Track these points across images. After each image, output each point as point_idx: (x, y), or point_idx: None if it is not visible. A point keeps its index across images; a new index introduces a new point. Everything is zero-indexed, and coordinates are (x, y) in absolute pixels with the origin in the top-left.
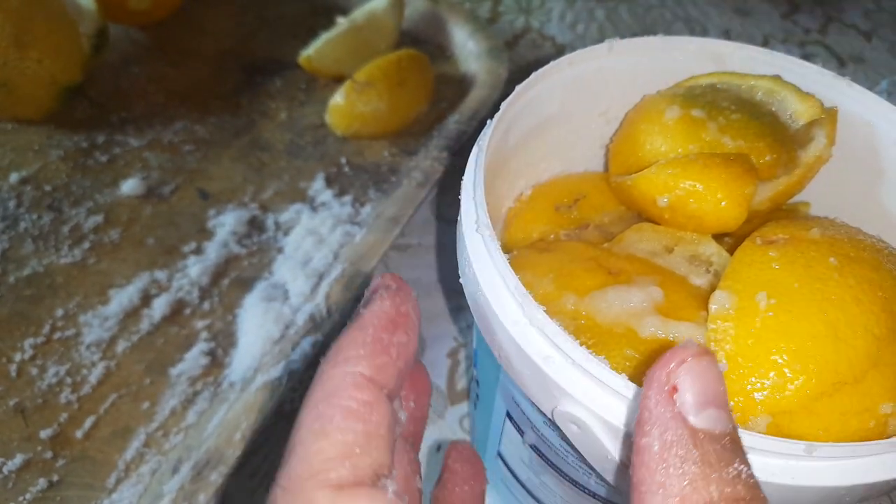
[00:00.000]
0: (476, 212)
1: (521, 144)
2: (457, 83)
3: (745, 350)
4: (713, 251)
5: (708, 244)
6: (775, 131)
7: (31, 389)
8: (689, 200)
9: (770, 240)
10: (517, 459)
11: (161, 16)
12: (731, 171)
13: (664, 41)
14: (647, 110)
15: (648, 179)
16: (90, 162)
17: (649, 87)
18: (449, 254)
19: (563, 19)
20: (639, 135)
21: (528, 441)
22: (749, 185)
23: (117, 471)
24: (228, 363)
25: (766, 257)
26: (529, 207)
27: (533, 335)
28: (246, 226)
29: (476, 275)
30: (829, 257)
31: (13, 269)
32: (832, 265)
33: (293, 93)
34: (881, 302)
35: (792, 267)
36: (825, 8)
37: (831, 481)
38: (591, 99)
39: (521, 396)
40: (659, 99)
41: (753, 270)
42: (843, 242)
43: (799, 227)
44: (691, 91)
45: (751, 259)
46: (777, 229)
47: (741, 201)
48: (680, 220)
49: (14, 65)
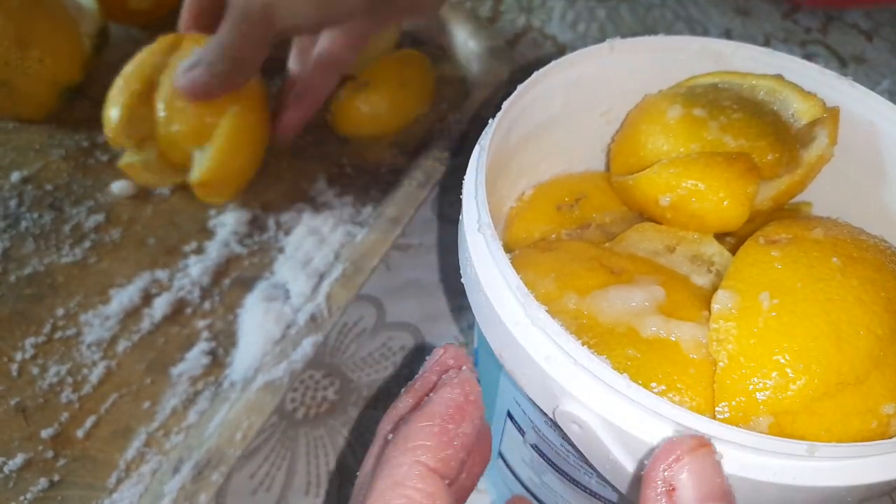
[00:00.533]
0: (478, 211)
1: (523, 144)
2: (458, 83)
3: (747, 350)
4: (715, 251)
5: (710, 244)
6: (777, 130)
7: (31, 389)
8: (690, 200)
9: (773, 239)
10: (518, 459)
11: (161, 15)
12: (733, 169)
13: (665, 41)
14: (648, 110)
15: (650, 179)
16: (91, 161)
17: (651, 86)
18: (450, 254)
19: (564, 18)
20: (640, 134)
21: (529, 441)
22: (751, 184)
23: (118, 470)
24: (229, 363)
25: (768, 257)
26: (531, 207)
27: (534, 335)
28: (247, 225)
29: (477, 274)
30: (832, 257)
31: (14, 268)
32: (835, 265)
33: None
34: (884, 302)
35: (795, 267)
36: (826, 8)
37: (833, 481)
38: (593, 99)
39: (523, 396)
40: (660, 98)
41: (756, 270)
42: (846, 243)
43: (801, 227)
44: (692, 90)
45: (753, 259)
46: (779, 229)
47: (743, 200)
48: (682, 220)
49: (15, 64)
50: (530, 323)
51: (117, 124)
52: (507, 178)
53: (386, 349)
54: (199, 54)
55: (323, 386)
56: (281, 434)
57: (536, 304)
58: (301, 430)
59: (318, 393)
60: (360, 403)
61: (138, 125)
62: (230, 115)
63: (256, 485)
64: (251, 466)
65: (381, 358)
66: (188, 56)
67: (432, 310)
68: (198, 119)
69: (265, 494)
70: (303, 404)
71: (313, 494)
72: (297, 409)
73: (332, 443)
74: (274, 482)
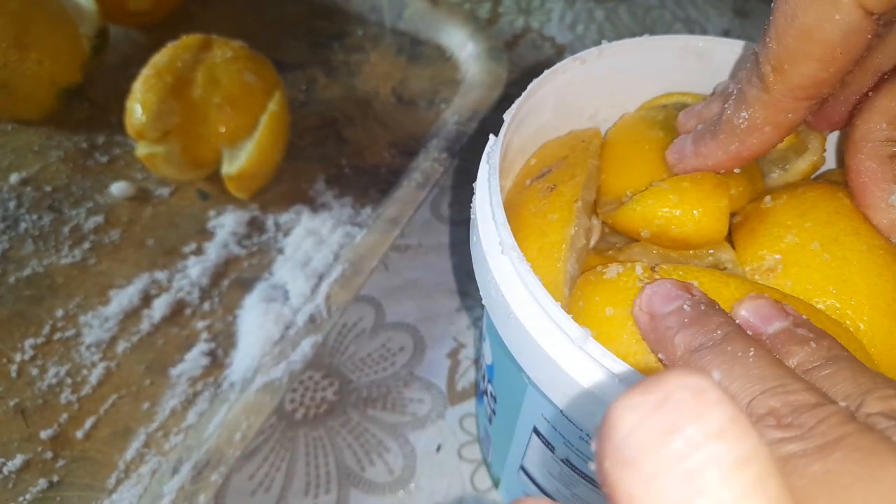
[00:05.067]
0: (499, 234)
1: (519, 155)
2: (456, 84)
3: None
4: (730, 258)
5: (726, 250)
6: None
7: (31, 390)
8: (670, 227)
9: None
10: (545, 472)
11: (161, 16)
12: (702, 189)
13: (650, 41)
14: (626, 134)
15: (626, 215)
16: (90, 162)
17: (634, 87)
18: (449, 254)
19: (563, 20)
20: (618, 162)
21: (559, 456)
22: (723, 199)
23: (117, 471)
24: (229, 364)
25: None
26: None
27: (576, 357)
28: (246, 226)
29: (505, 298)
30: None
31: (13, 269)
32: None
33: (293, 94)
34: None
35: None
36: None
37: None
38: (580, 104)
39: (554, 413)
40: (637, 123)
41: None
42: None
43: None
44: (668, 117)
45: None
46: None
47: (719, 216)
48: (667, 244)
49: (14, 66)
50: (571, 346)
51: (148, 116)
52: (503, 184)
53: (385, 350)
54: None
55: (322, 386)
56: (280, 435)
57: (580, 328)
58: (300, 430)
59: (318, 393)
60: (360, 404)
61: (166, 118)
62: (269, 110)
63: (256, 485)
64: (250, 467)
65: (380, 358)
66: (222, 55)
67: (431, 310)
68: (243, 120)
69: (264, 495)
70: (302, 405)
71: (312, 495)
72: (296, 409)
73: (332, 443)
74: (273, 483)
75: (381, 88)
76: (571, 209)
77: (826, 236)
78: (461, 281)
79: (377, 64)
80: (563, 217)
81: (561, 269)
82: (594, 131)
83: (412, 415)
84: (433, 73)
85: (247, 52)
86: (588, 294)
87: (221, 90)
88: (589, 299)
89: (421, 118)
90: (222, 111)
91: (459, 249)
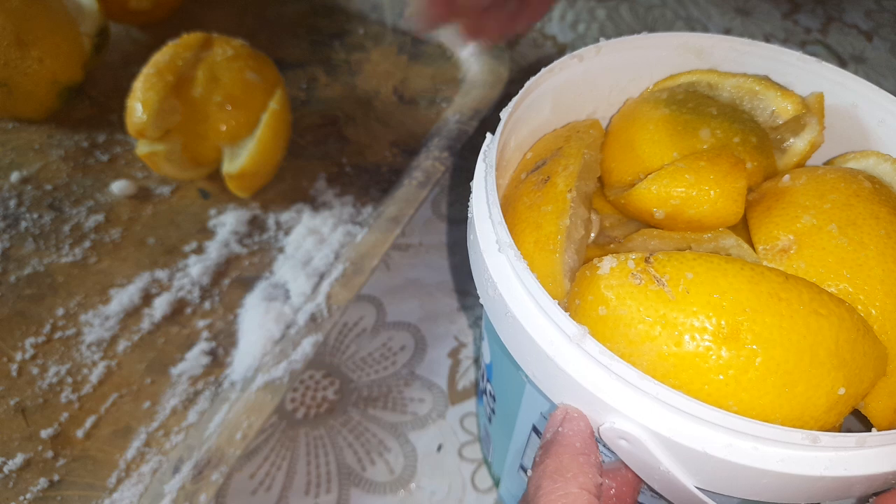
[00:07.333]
0: (496, 232)
1: (517, 152)
2: (457, 83)
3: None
4: (733, 243)
5: (728, 237)
6: (760, 139)
7: (31, 389)
8: (684, 208)
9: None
10: None
11: (161, 16)
12: (719, 169)
13: (648, 38)
14: (631, 118)
15: (641, 195)
16: (91, 161)
17: (632, 85)
18: (450, 253)
19: (564, 19)
20: (625, 146)
21: None
22: (740, 180)
23: (118, 470)
24: (229, 363)
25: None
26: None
27: (573, 356)
28: (247, 225)
29: (503, 296)
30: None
31: (14, 268)
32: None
33: (294, 92)
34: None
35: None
36: (826, 8)
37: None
38: (579, 101)
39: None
40: (641, 105)
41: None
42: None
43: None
44: (673, 96)
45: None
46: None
47: (736, 197)
48: (681, 226)
49: (15, 64)
50: (568, 343)
51: (149, 115)
52: (502, 181)
53: (386, 349)
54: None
55: (323, 386)
56: (281, 434)
57: (577, 326)
58: (301, 429)
59: (318, 393)
60: (361, 403)
61: (167, 117)
62: (270, 109)
63: (256, 485)
64: (251, 466)
65: (381, 358)
66: (223, 53)
67: (432, 309)
68: (244, 119)
69: (265, 494)
70: (303, 404)
71: (313, 494)
72: (297, 408)
73: (332, 443)
74: (274, 482)
75: (382, 87)
76: (565, 199)
77: (844, 219)
78: (462, 280)
79: (378, 62)
80: (558, 208)
81: (559, 261)
82: (591, 122)
83: (413, 414)
84: (434, 72)
85: (248, 50)
86: (583, 292)
87: (222, 89)
88: (583, 298)
89: (422, 117)
90: (223, 110)
91: (460, 248)
